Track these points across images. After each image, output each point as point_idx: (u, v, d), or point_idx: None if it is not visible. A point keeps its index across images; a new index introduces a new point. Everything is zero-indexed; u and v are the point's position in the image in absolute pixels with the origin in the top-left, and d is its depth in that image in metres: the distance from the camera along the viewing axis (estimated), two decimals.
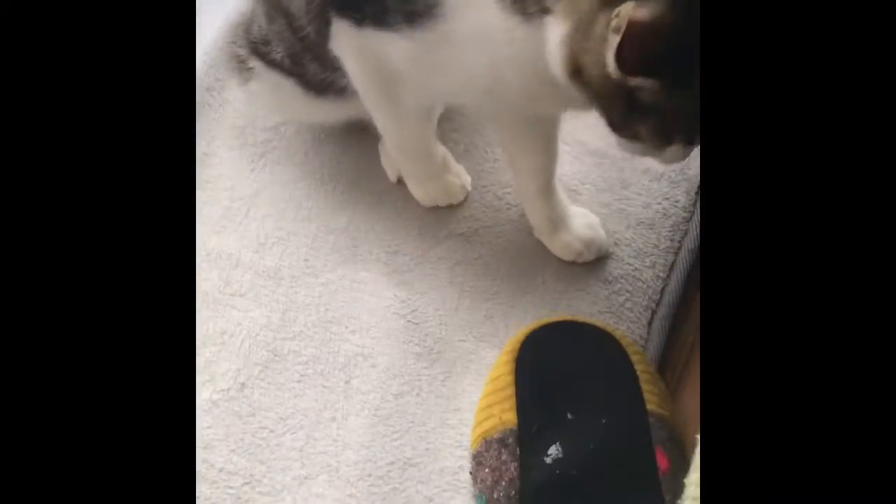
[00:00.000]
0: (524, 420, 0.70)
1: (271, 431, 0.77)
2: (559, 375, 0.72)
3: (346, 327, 0.82)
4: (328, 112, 0.86)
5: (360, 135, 0.92)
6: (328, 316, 0.83)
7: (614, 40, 0.51)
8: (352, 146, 0.92)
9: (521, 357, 0.74)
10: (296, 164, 0.91)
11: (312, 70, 0.78)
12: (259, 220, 0.88)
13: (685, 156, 0.60)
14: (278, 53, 0.80)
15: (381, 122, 0.80)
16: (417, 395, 0.79)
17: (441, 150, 0.87)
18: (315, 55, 0.76)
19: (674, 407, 0.71)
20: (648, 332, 0.82)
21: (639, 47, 0.50)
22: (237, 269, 0.85)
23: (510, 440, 0.69)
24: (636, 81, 0.53)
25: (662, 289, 0.84)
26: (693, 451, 0.39)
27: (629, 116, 0.58)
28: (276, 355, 0.81)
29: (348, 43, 0.70)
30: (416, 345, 0.82)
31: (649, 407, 0.70)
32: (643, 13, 0.49)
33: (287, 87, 0.82)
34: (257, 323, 0.82)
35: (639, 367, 0.72)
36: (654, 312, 0.83)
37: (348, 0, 0.67)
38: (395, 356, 0.81)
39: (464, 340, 0.82)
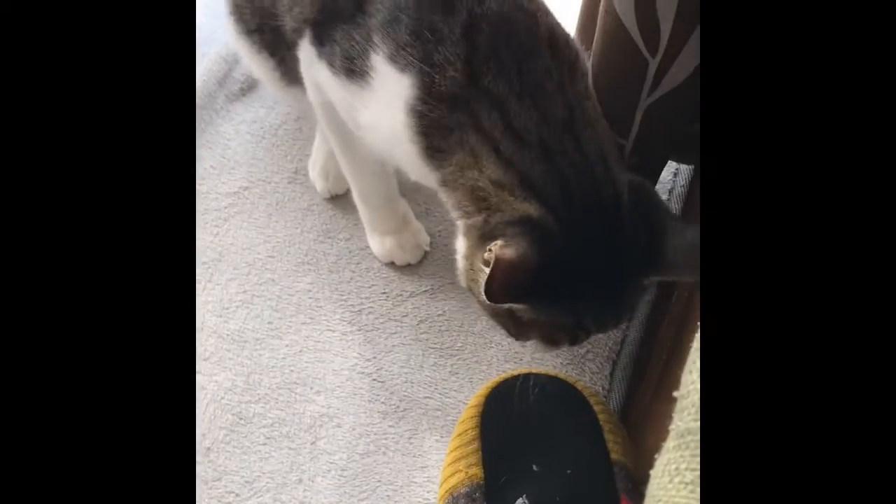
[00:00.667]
0: (490, 474, 0.70)
1: (237, 496, 0.76)
2: (524, 428, 0.73)
3: (311, 388, 0.83)
4: (295, 99, 0.85)
5: (321, 200, 0.94)
6: (293, 377, 0.83)
7: (485, 274, 0.56)
8: (314, 208, 0.94)
9: (486, 411, 0.74)
10: (258, 228, 0.92)
11: (289, 60, 0.78)
12: (223, 284, 0.89)
13: (573, 345, 0.67)
14: (253, 23, 0.80)
15: (342, 162, 0.82)
16: (384, 453, 0.79)
17: (403, 206, 0.89)
18: (285, 42, 0.76)
19: (637, 454, 0.72)
20: (611, 383, 0.83)
21: (504, 280, 0.55)
22: (201, 333, 0.85)
23: (477, 494, 0.69)
24: (505, 306, 0.59)
25: (622, 340, 0.85)
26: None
27: (518, 329, 0.65)
28: (240, 419, 0.80)
29: (307, 70, 0.72)
30: (382, 403, 0.82)
31: (613, 456, 0.71)
32: (509, 252, 0.55)
33: (264, 61, 0.83)
34: (222, 387, 0.82)
35: (602, 417, 0.73)
36: (615, 363, 0.84)
37: (323, 30, 0.68)
38: (360, 415, 0.81)
39: (429, 397, 0.83)
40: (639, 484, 0.69)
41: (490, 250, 0.57)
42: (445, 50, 0.59)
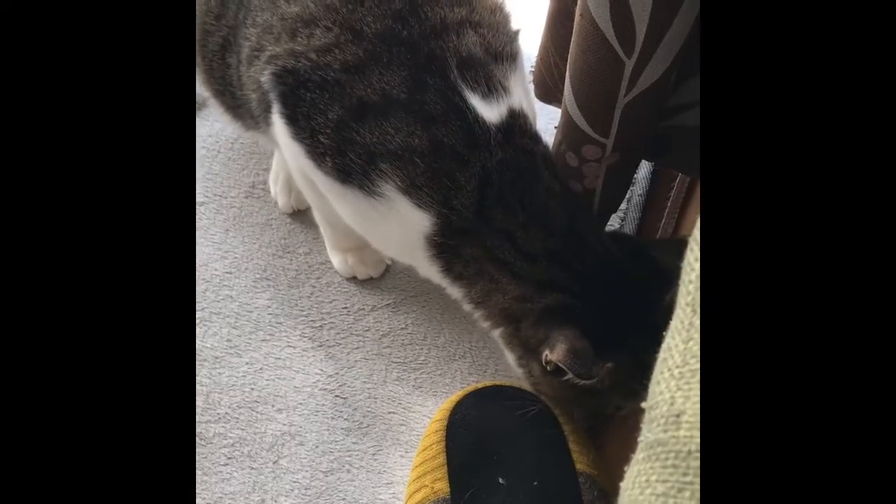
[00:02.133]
0: (456, 488, 0.69)
1: None
2: (489, 441, 0.72)
3: (273, 406, 0.81)
4: (253, 140, 0.85)
5: (281, 212, 0.93)
6: (253, 396, 0.81)
7: (567, 377, 0.62)
8: (272, 222, 0.92)
9: (451, 425, 0.73)
10: (215, 244, 0.91)
11: (246, 117, 0.77)
12: None
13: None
14: (217, 84, 0.78)
15: (306, 193, 0.80)
16: (348, 471, 0.78)
17: None
18: (250, 114, 0.75)
19: (601, 464, 0.72)
20: None
21: (578, 364, 0.61)
22: None
23: None
24: (602, 373, 0.62)
25: None
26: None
27: (597, 403, 0.68)
28: (201, 439, 0.79)
29: (283, 143, 0.70)
30: (345, 420, 0.81)
31: (579, 467, 0.70)
32: (559, 352, 0.62)
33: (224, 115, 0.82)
34: None
35: (566, 428, 0.73)
36: None
37: (289, 109, 0.66)
38: (323, 433, 0.80)
39: (393, 412, 0.82)
40: (605, 493, 0.69)
41: (548, 362, 0.63)
42: (462, 197, 0.64)
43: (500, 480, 0.70)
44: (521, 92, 0.70)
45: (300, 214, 0.92)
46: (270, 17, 0.68)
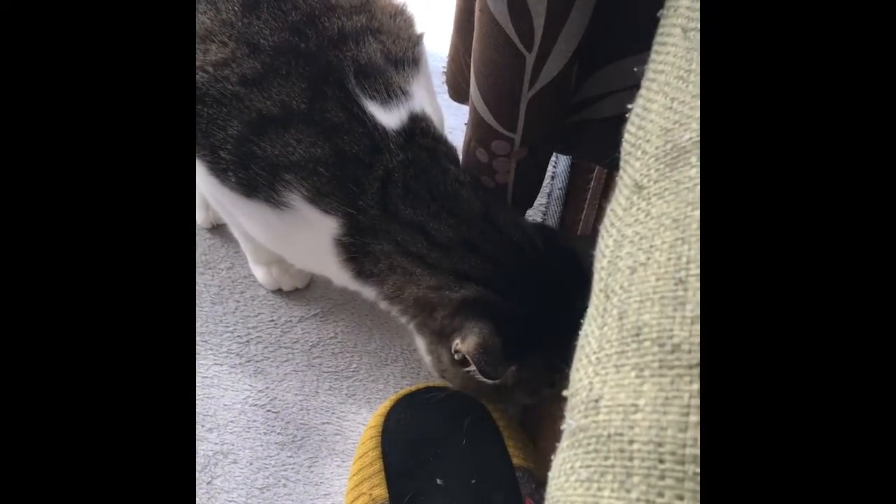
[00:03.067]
0: (395, 493, 0.69)
1: None
2: (425, 442, 0.72)
3: (203, 426, 0.79)
4: None
5: (199, 229, 0.91)
6: None
7: (469, 368, 0.63)
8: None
9: (386, 430, 0.73)
10: None
11: None
12: None
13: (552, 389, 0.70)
14: None
15: (219, 213, 0.79)
16: (284, 485, 0.77)
17: None
18: None
19: (538, 457, 0.73)
20: None
21: (487, 361, 0.62)
22: None
23: None
24: (505, 374, 0.63)
25: None
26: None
27: (504, 395, 0.69)
28: None
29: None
30: (279, 434, 0.80)
31: (515, 461, 0.71)
32: (471, 342, 0.62)
33: None
34: None
35: (501, 423, 0.74)
36: None
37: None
38: (257, 449, 0.78)
39: (327, 423, 0.81)
40: (543, 486, 0.70)
41: (457, 350, 0.63)
42: (367, 197, 0.64)
43: (438, 481, 0.70)
44: (425, 95, 0.70)
45: (219, 229, 0.90)
46: None
